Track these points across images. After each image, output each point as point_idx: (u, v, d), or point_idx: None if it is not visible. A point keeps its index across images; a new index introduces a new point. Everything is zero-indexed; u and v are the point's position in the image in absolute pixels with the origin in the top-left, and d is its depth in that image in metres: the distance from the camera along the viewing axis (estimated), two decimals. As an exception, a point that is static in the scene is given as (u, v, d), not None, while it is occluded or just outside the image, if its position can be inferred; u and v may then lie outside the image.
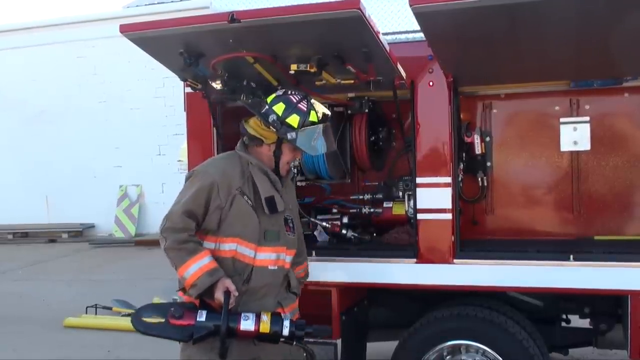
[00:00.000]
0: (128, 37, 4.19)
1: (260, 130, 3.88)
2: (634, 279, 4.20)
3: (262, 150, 3.92)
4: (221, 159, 4.06)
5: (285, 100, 3.83)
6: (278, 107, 3.83)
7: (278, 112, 3.82)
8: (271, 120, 3.78)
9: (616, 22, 3.63)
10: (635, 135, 4.87)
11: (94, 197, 17.66)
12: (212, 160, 4.10)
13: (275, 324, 3.66)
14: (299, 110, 3.82)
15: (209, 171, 3.89)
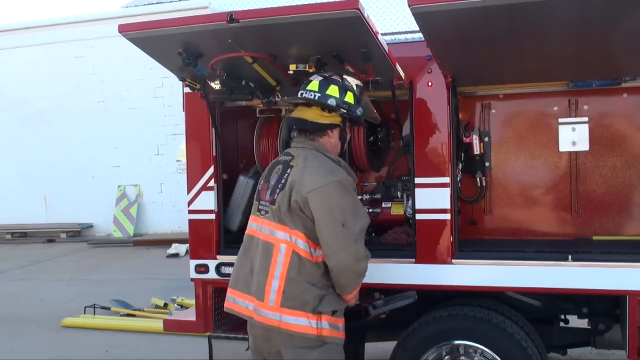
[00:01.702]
0: (127, 37, 4.19)
1: (323, 119, 3.83)
2: (632, 279, 4.20)
3: (326, 140, 3.89)
4: (335, 162, 3.84)
5: (333, 82, 3.81)
6: (332, 89, 3.79)
7: (335, 94, 3.79)
8: (336, 104, 3.75)
9: (615, 23, 3.63)
10: (633, 135, 4.87)
11: (92, 197, 17.68)
12: (334, 165, 3.81)
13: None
14: (346, 86, 3.84)
15: (350, 178, 3.79)
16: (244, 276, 3.82)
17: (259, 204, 3.88)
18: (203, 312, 5.17)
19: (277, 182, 3.76)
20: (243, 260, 3.89)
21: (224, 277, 5.03)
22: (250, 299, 3.75)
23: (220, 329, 5.20)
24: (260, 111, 5.37)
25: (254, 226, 3.88)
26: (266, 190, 3.84)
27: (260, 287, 3.68)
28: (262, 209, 3.83)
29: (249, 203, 5.28)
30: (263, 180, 3.94)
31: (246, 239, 3.93)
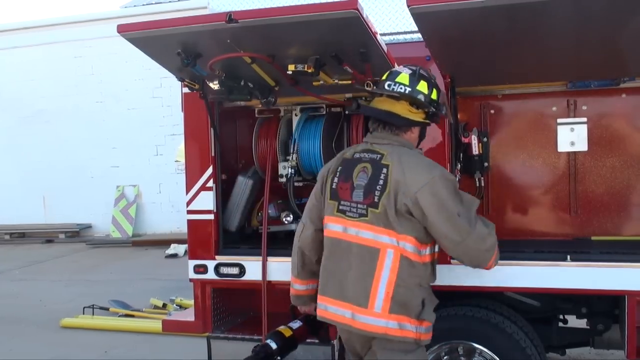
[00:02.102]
0: (125, 37, 4.18)
1: (413, 115, 3.68)
2: (631, 280, 4.20)
3: (409, 135, 3.77)
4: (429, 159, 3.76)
5: (423, 77, 3.71)
6: (422, 85, 3.68)
7: (424, 90, 3.68)
8: (425, 100, 3.66)
9: (614, 24, 3.63)
10: (632, 135, 4.87)
11: (91, 197, 17.68)
12: (429, 160, 3.73)
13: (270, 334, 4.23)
14: (433, 82, 3.77)
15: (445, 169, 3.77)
16: (336, 282, 3.65)
17: (339, 204, 3.67)
18: (202, 312, 5.16)
19: (373, 183, 3.56)
20: (332, 265, 3.71)
21: (223, 278, 5.04)
22: (346, 305, 3.59)
23: (219, 330, 5.21)
24: (259, 111, 5.37)
25: (339, 229, 3.67)
26: (350, 190, 3.63)
27: (363, 293, 3.52)
28: (346, 209, 3.63)
29: (247, 203, 5.29)
30: (338, 179, 3.72)
31: (330, 242, 3.73)
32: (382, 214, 3.51)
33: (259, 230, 5.38)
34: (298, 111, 5.17)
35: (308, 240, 3.96)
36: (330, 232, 3.73)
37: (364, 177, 3.61)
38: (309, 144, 5.02)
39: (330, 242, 3.74)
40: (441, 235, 3.53)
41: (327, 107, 5.11)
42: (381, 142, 3.70)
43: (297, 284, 4.13)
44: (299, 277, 4.08)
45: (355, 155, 3.74)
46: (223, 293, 5.26)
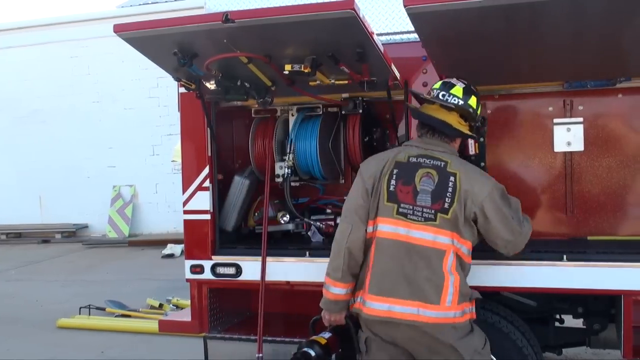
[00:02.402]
0: (122, 36, 4.18)
1: (463, 127, 3.94)
2: (627, 279, 4.20)
3: (454, 146, 4.02)
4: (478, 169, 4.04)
5: (473, 92, 3.99)
6: (472, 100, 3.95)
7: (473, 105, 3.97)
8: (474, 114, 3.95)
9: (610, 24, 3.64)
10: (628, 135, 4.87)
11: (87, 197, 17.67)
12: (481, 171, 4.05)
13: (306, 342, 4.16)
14: (479, 99, 4.05)
15: None
16: (393, 282, 3.73)
17: (399, 207, 3.76)
18: (198, 312, 5.16)
19: (442, 190, 3.73)
20: (387, 265, 3.76)
21: (220, 278, 5.04)
22: (416, 304, 3.68)
23: (216, 330, 5.21)
24: (256, 111, 5.37)
25: (401, 231, 3.76)
26: (413, 194, 3.76)
27: (435, 291, 3.67)
28: (408, 212, 3.75)
29: (244, 203, 5.29)
30: (396, 182, 3.81)
31: (386, 243, 3.79)
32: (452, 220, 3.72)
33: (256, 230, 5.39)
34: (294, 111, 5.17)
35: (359, 241, 3.88)
36: (386, 233, 3.79)
37: (429, 182, 3.77)
38: (305, 144, 5.02)
39: (386, 243, 3.79)
40: (497, 237, 3.86)
41: (323, 107, 5.11)
42: (437, 149, 3.88)
43: (338, 287, 3.96)
44: (343, 280, 3.92)
45: (412, 160, 3.85)
46: (219, 293, 5.26)
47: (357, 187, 3.97)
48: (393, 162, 3.87)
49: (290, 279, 4.88)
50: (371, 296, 3.77)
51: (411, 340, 3.78)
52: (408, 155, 3.87)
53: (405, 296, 3.69)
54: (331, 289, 3.99)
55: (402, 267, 3.72)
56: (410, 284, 3.69)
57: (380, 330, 3.83)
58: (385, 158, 3.94)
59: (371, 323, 3.84)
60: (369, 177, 3.91)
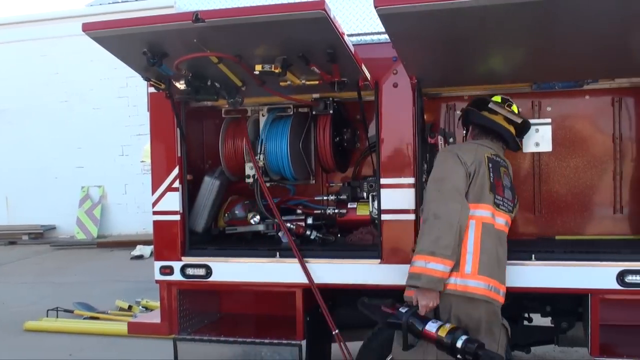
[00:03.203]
0: (91, 35, 4.14)
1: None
2: (594, 278, 4.26)
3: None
4: None
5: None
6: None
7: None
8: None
9: (577, 28, 3.68)
10: (595, 136, 4.94)
11: (55, 198, 17.48)
12: None
13: (451, 333, 3.80)
14: None
15: None
16: (492, 262, 4.04)
17: (495, 197, 4.12)
18: (168, 314, 5.13)
19: (513, 188, 4.35)
20: (490, 248, 4.05)
21: (189, 279, 5.01)
22: (498, 284, 4.04)
23: (186, 331, 5.17)
24: (226, 111, 5.34)
25: (499, 220, 4.12)
26: (502, 188, 4.20)
27: (505, 272, 4.15)
28: (500, 203, 4.14)
29: (214, 204, 5.26)
30: (493, 175, 4.15)
31: (489, 228, 4.07)
32: (515, 213, 4.35)
33: (226, 231, 5.37)
34: (265, 111, 5.16)
35: (466, 220, 4.02)
36: (488, 219, 4.08)
37: (507, 179, 4.30)
38: (276, 145, 5.01)
39: (489, 228, 4.08)
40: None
41: (294, 107, 5.11)
42: (501, 154, 4.37)
43: (447, 265, 3.91)
44: (452, 257, 3.92)
45: (494, 158, 4.26)
46: (189, 294, 5.23)
47: (457, 170, 4.08)
48: (485, 157, 4.19)
49: (260, 280, 4.86)
50: (480, 277, 3.98)
51: (484, 318, 4.02)
52: (490, 152, 4.26)
53: (497, 277, 4.04)
54: (439, 266, 3.91)
55: (497, 251, 4.07)
56: (499, 266, 4.08)
57: (463, 309, 4.00)
58: (477, 149, 4.25)
59: (461, 303, 3.99)
60: (471, 163, 4.12)
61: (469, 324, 3.98)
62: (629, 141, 4.86)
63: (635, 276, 4.19)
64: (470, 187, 4.07)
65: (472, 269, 3.97)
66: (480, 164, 4.13)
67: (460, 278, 3.95)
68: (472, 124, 4.48)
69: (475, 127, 4.45)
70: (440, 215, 3.94)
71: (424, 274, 3.89)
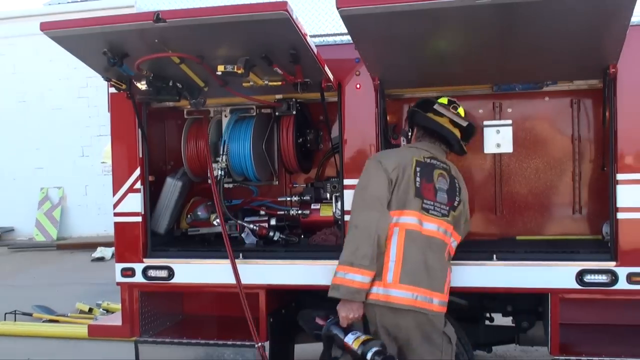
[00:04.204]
0: (49, 35, 4.08)
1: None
2: (554, 278, 4.33)
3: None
4: None
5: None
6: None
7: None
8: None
9: (535, 29, 3.73)
10: (554, 138, 5.00)
11: (13, 199, 17.20)
12: None
13: (363, 345, 3.77)
14: None
15: None
16: (418, 270, 3.91)
17: (423, 202, 3.99)
18: (129, 316, 5.07)
19: (452, 191, 4.17)
20: (415, 256, 3.91)
21: (151, 281, 4.96)
22: (434, 294, 3.92)
23: (148, 334, 5.13)
24: (188, 112, 5.30)
25: (425, 225, 3.98)
26: (433, 191, 4.06)
27: (442, 280, 3.99)
28: (429, 208, 4.01)
29: (176, 205, 5.23)
30: (421, 179, 4.04)
31: (410, 234, 3.93)
32: (457, 217, 4.17)
33: (189, 232, 5.33)
34: (228, 112, 5.14)
35: (386, 229, 3.92)
36: (413, 225, 3.96)
37: (444, 182, 4.15)
38: (239, 146, 5.00)
39: (414, 235, 3.95)
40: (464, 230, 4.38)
41: (257, 108, 5.09)
42: (439, 155, 4.26)
43: (365, 275, 3.86)
44: (370, 267, 3.86)
45: (428, 161, 4.16)
46: (151, 296, 5.18)
47: (379, 177, 4.01)
48: (414, 161, 4.09)
49: (223, 281, 4.83)
50: (402, 285, 3.87)
51: (414, 328, 3.90)
52: (423, 156, 4.17)
53: (426, 286, 3.90)
54: (357, 277, 3.86)
55: (425, 258, 3.93)
56: (429, 274, 3.92)
57: (389, 320, 3.91)
58: (404, 154, 4.17)
59: (385, 313, 3.90)
60: (393, 170, 4.02)
61: (398, 334, 3.91)
62: (587, 142, 4.93)
63: (593, 276, 4.27)
64: (394, 194, 3.98)
65: (393, 278, 3.86)
66: (405, 169, 4.02)
67: (383, 288, 3.87)
68: (417, 125, 4.39)
69: (420, 128, 4.36)
70: (359, 225, 3.93)
71: (343, 285, 3.87)
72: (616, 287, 4.24)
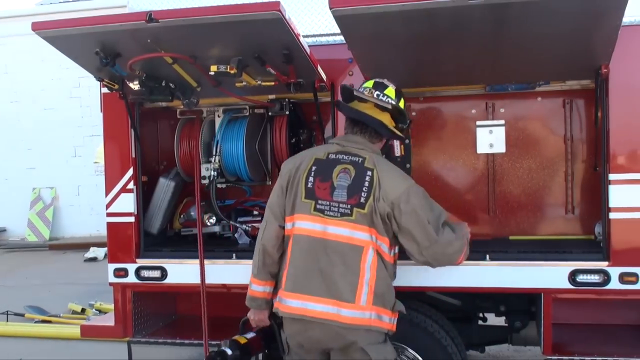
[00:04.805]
0: (41, 35, 4.06)
1: (392, 127, 3.91)
2: (547, 278, 4.33)
3: (379, 146, 3.95)
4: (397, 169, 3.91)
5: (403, 95, 3.97)
6: (402, 102, 3.96)
7: (402, 107, 3.95)
8: (405, 117, 3.95)
9: (527, 30, 3.74)
10: (547, 137, 5.01)
11: (5, 199, 17.17)
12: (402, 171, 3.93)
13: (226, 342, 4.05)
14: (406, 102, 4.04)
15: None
16: (318, 279, 3.65)
17: (317, 203, 3.69)
18: (122, 316, 5.07)
19: (359, 185, 3.66)
20: (309, 263, 3.69)
21: (144, 281, 4.96)
22: (332, 302, 3.62)
23: (140, 334, 5.12)
24: (181, 112, 5.30)
25: (317, 227, 3.68)
26: (330, 190, 3.69)
27: (349, 288, 3.61)
28: (325, 209, 3.67)
29: (169, 205, 5.22)
30: (314, 178, 3.74)
31: (303, 240, 3.72)
32: (368, 214, 3.63)
33: (182, 232, 5.33)
34: (221, 112, 5.14)
35: (272, 238, 3.86)
36: (303, 230, 3.73)
37: (345, 178, 3.70)
38: (231, 146, 4.99)
39: (302, 240, 3.73)
40: (410, 240, 3.69)
41: (250, 108, 5.09)
42: (356, 146, 3.80)
43: (254, 284, 3.96)
44: (258, 276, 3.93)
45: (331, 157, 3.79)
46: (144, 297, 5.17)
47: (276, 184, 3.95)
48: (312, 160, 3.82)
49: (217, 282, 4.83)
50: (287, 293, 3.73)
51: (326, 340, 3.71)
52: (327, 152, 3.83)
53: (320, 293, 3.64)
54: (250, 285, 4.00)
55: (318, 263, 3.66)
56: (325, 280, 3.64)
57: (296, 329, 3.76)
58: (304, 155, 3.92)
59: (288, 322, 3.79)
60: (284, 174, 3.89)
61: (306, 344, 3.79)
62: (579, 142, 4.94)
63: (586, 276, 4.28)
64: (287, 199, 3.83)
65: (283, 285, 3.77)
66: (296, 171, 3.81)
67: (278, 296, 3.82)
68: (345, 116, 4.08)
69: (345, 120, 4.01)
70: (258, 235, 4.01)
71: (247, 292, 4.05)
72: (608, 286, 4.25)
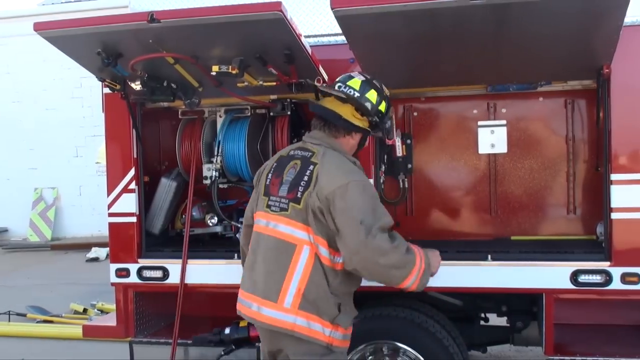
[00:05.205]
0: (43, 35, 4.07)
1: (356, 120, 3.67)
2: (548, 278, 4.33)
3: (347, 140, 3.72)
4: (352, 163, 3.65)
5: (374, 86, 3.71)
6: (371, 94, 3.67)
7: (372, 99, 3.68)
8: (371, 109, 3.66)
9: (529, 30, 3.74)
10: (549, 138, 5.01)
11: (7, 200, 17.18)
12: (352, 166, 3.63)
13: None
14: (384, 95, 3.76)
15: (367, 179, 3.68)
16: (250, 275, 3.61)
17: (269, 199, 3.60)
18: (124, 317, 5.07)
19: (299, 179, 3.51)
20: (251, 260, 3.64)
21: (146, 281, 4.97)
22: (254, 298, 3.53)
23: (142, 334, 5.12)
24: (183, 112, 5.30)
25: (262, 223, 3.61)
26: (279, 185, 3.58)
27: (274, 287, 3.45)
28: (272, 204, 3.57)
29: (171, 205, 5.22)
30: (272, 174, 3.67)
31: (256, 236, 3.67)
32: (303, 210, 3.46)
33: (183, 232, 5.32)
34: (222, 112, 5.13)
35: (245, 238, 3.91)
36: (257, 227, 3.69)
37: (292, 172, 3.58)
38: (233, 146, 4.99)
39: (255, 236, 3.68)
40: (342, 242, 3.38)
41: (251, 108, 5.08)
42: (314, 141, 3.68)
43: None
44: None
45: (290, 153, 3.71)
46: (146, 297, 5.17)
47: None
48: (277, 158, 3.78)
49: (218, 282, 4.83)
50: (240, 291, 3.71)
51: (265, 342, 3.68)
52: (290, 149, 3.76)
53: (252, 291, 3.57)
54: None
55: (255, 260, 3.60)
56: (257, 277, 3.56)
57: (263, 337, 3.70)
58: (277, 154, 3.86)
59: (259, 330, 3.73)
60: (257, 174, 3.89)
61: (272, 348, 3.66)
62: (581, 142, 4.94)
63: (588, 276, 4.27)
64: (257, 199, 3.78)
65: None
66: (263, 170, 3.80)
67: None
68: None
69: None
70: None
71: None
72: (610, 287, 4.25)
